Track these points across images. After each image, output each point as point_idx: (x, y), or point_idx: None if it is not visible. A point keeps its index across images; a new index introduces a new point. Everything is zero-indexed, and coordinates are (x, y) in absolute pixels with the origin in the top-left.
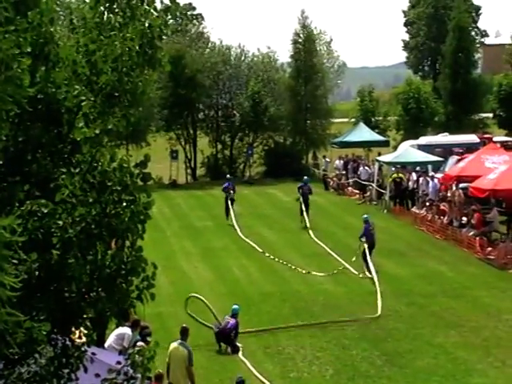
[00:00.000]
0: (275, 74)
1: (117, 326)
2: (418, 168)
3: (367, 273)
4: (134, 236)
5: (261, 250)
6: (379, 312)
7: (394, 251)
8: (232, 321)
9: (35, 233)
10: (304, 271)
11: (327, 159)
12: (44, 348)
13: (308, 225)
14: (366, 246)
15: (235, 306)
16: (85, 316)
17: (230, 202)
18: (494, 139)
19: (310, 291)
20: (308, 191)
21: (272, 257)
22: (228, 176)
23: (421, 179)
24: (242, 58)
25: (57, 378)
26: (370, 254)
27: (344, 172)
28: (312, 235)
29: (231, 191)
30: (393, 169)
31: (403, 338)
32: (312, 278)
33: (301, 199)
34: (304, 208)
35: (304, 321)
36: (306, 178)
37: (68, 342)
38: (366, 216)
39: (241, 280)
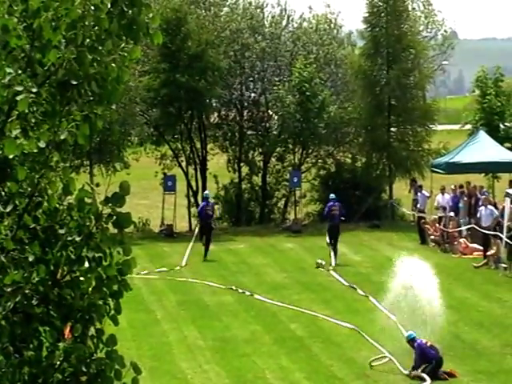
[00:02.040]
0: (338, 49)
1: None
2: None
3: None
4: (102, 318)
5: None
6: None
7: None
8: None
9: None
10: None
11: (425, 192)
12: None
13: (334, 264)
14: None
15: None
16: None
17: (204, 230)
18: None
19: None
20: (339, 213)
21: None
22: (207, 192)
23: None
24: (284, 22)
25: None
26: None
27: (452, 214)
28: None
29: (210, 212)
30: None
31: None
32: None
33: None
34: (329, 240)
35: None
36: (332, 194)
37: None
38: None
39: None
